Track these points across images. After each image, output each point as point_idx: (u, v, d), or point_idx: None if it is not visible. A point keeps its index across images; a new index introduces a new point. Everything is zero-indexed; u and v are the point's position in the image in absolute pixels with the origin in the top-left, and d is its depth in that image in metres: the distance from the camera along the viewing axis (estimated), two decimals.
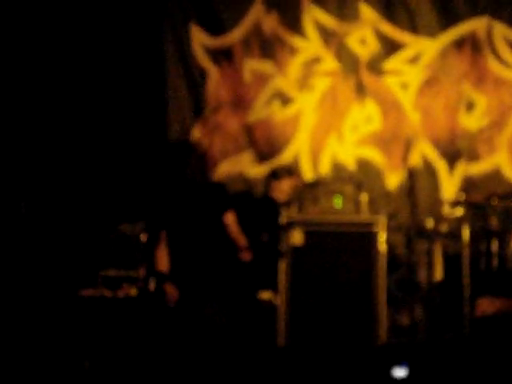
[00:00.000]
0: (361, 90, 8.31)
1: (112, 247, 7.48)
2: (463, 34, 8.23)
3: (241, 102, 8.38)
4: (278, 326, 6.81)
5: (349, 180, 7.65)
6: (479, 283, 7.27)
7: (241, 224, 6.64)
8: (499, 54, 8.22)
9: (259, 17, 8.39)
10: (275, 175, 7.48)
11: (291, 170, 7.50)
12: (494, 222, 7.49)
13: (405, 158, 8.24)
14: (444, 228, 7.67)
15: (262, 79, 8.39)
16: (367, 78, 8.32)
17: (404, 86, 8.32)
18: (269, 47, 8.40)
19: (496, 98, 8.20)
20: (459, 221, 7.47)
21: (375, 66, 8.32)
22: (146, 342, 5.80)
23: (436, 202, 8.09)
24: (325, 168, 8.27)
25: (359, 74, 8.31)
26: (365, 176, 8.08)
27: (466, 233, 7.30)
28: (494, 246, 7.36)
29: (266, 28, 8.40)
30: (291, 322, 6.81)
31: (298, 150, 8.31)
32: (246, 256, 5.83)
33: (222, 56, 8.41)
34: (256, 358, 6.18)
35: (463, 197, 7.75)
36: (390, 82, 8.33)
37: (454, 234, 7.51)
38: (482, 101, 8.22)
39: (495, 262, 7.31)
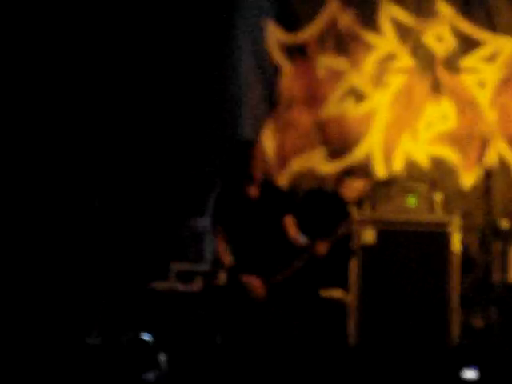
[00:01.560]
0: (436, 88, 8.21)
1: (182, 241, 7.55)
2: None
3: (314, 99, 8.35)
4: (349, 325, 6.77)
5: (423, 179, 7.57)
6: None
7: (310, 221, 6.62)
8: None
9: (335, 13, 8.34)
10: (348, 173, 7.44)
11: (364, 169, 7.46)
12: None
13: (480, 158, 8.12)
14: None
15: (336, 76, 8.35)
16: (443, 75, 8.22)
17: (481, 85, 8.20)
18: (344, 44, 8.36)
19: None
20: None
21: (452, 64, 8.21)
22: (219, 335, 5.83)
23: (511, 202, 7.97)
24: (398, 166, 8.19)
25: (435, 71, 8.21)
26: (439, 175, 8.00)
27: None
28: None
29: (341, 24, 8.36)
30: (362, 322, 6.77)
31: (370, 147, 8.25)
32: (321, 250, 5.78)
33: (297, 52, 8.39)
34: (327, 357, 6.16)
35: None
36: (467, 80, 8.22)
37: None
38: None
39: None
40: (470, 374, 6.08)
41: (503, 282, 7.37)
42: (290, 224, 5.93)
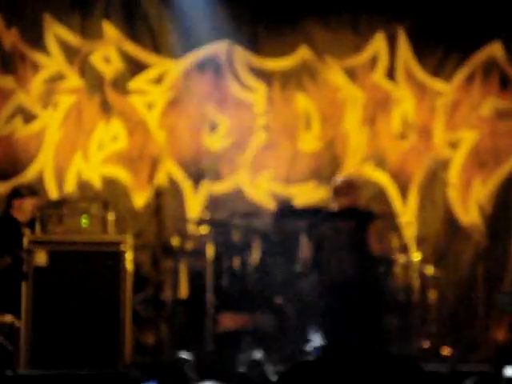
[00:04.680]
0: (106, 109, 8.28)
1: None
2: (205, 57, 8.45)
3: None
4: (20, 350, 6.56)
5: (95, 199, 7.56)
6: (222, 299, 7.44)
7: None
8: (239, 77, 8.52)
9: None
10: (17, 194, 7.24)
11: (33, 189, 7.29)
12: (237, 239, 7.71)
13: (151, 177, 8.29)
14: (189, 246, 7.79)
15: (3, 95, 8.13)
16: (112, 96, 8.30)
17: (149, 106, 8.39)
18: (9, 62, 8.16)
19: (237, 120, 8.48)
20: (204, 238, 7.61)
21: (120, 85, 8.33)
22: None
23: (182, 220, 8.21)
24: (70, 186, 8.13)
25: (104, 92, 8.28)
26: (111, 195, 8.04)
27: (210, 250, 7.46)
28: (236, 262, 7.57)
29: (5, 43, 8.16)
30: (33, 346, 6.59)
31: (42, 167, 8.12)
32: None
33: None
34: None
35: (207, 215, 7.92)
36: (136, 102, 8.37)
37: (199, 252, 7.63)
38: (224, 122, 8.47)
39: (237, 278, 7.52)
40: None
41: (174, 298, 7.56)
42: None
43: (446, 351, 7.55)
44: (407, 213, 8.52)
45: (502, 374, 6.32)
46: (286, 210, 8.03)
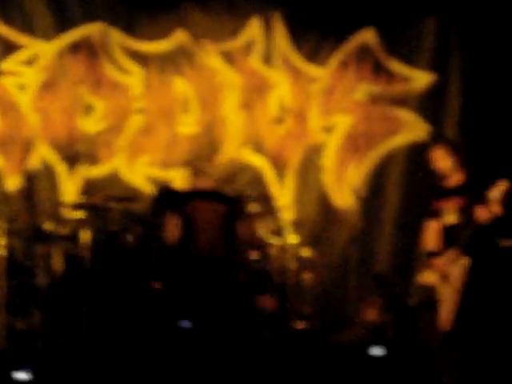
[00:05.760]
0: None
1: None
2: (79, 39, 8.32)
3: None
4: None
5: None
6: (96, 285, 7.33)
7: None
8: (115, 59, 8.42)
9: None
10: None
11: None
12: (113, 223, 7.65)
13: (23, 161, 8.13)
14: (64, 231, 7.66)
15: None
16: None
17: (22, 88, 8.22)
18: None
19: (113, 102, 8.39)
20: (79, 223, 7.51)
21: None
22: None
23: (56, 204, 8.08)
24: None
25: None
26: None
27: (86, 235, 7.37)
28: (114, 247, 7.51)
29: None
30: None
31: None
32: None
33: None
34: None
35: (83, 199, 7.83)
36: (8, 83, 8.19)
37: (75, 236, 7.52)
38: (99, 105, 8.36)
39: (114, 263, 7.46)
40: (22, 375, 6.09)
41: (48, 283, 7.44)
42: None
43: (319, 331, 7.70)
44: (284, 196, 8.62)
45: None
46: (166, 193, 8.00)
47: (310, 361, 6.59)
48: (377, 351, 6.52)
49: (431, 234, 5.76)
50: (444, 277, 5.56)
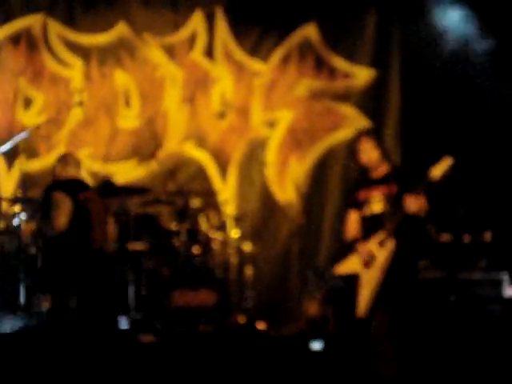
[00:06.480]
0: None
1: None
2: (19, 30, 8.21)
3: None
4: None
5: None
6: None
7: None
8: (55, 52, 8.33)
9: None
10: None
11: None
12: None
13: None
14: (1, 225, 7.54)
15: None
16: None
17: None
18: None
19: (53, 95, 8.30)
20: (17, 217, 7.38)
21: None
22: None
23: None
24: None
25: None
26: None
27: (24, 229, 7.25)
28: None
29: None
30: None
31: None
32: None
33: None
34: None
35: (21, 193, 7.71)
36: None
37: (13, 231, 7.39)
38: (39, 98, 8.26)
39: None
40: None
41: None
42: None
43: (261, 325, 7.71)
44: (226, 191, 8.62)
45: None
46: (107, 187, 7.92)
47: (250, 355, 6.59)
48: (316, 345, 6.55)
49: (353, 224, 5.85)
50: (368, 262, 5.62)
